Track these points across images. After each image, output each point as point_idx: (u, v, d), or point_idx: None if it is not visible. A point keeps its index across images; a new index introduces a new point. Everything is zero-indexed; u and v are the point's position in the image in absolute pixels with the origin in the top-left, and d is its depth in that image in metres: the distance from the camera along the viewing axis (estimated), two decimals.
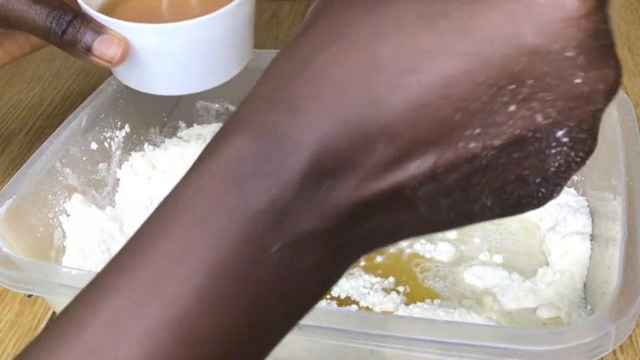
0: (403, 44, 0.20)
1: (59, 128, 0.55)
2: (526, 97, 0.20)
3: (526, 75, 0.20)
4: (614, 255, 0.41)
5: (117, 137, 0.60)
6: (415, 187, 0.21)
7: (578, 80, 0.20)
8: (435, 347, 0.36)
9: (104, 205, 0.58)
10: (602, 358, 0.36)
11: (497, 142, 0.21)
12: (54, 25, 0.45)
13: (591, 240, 0.51)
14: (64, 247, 0.53)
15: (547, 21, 0.20)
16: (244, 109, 0.22)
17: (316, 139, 0.20)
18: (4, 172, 0.67)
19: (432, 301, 0.49)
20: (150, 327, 0.19)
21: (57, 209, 0.53)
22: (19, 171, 0.50)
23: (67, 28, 0.45)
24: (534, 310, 0.48)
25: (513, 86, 0.20)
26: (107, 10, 0.49)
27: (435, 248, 0.53)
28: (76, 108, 0.57)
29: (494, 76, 0.20)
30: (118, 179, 0.60)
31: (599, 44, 0.20)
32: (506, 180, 0.22)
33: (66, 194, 0.54)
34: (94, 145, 0.57)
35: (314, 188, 0.20)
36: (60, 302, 0.48)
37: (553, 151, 0.21)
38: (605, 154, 0.51)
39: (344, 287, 0.51)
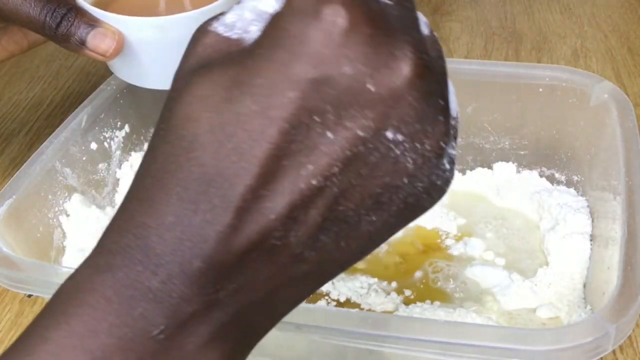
0: (217, 126, 0.21)
1: (58, 128, 0.55)
2: (336, 120, 0.21)
3: (321, 102, 0.21)
4: (614, 255, 0.41)
5: (117, 137, 0.60)
6: (280, 235, 0.22)
7: (369, 85, 0.21)
8: (435, 347, 0.36)
9: (104, 205, 0.58)
10: (601, 358, 0.36)
11: (335, 169, 0.21)
12: (48, 18, 0.45)
13: (591, 240, 0.51)
14: (63, 247, 0.53)
15: (316, 50, 0.21)
16: (119, 208, 0.23)
17: (173, 223, 0.21)
18: (4, 172, 0.67)
19: (432, 302, 0.49)
20: None
21: (57, 209, 0.53)
22: (18, 171, 0.50)
23: (61, 21, 0.45)
24: (534, 310, 0.48)
25: (316, 117, 0.21)
26: (102, 4, 0.49)
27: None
28: (76, 108, 0.57)
29: (294, 118, 0.21)
30: (118, 179, 0.60)
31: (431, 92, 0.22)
32: (373, 194, 0.22)
33: (66, 194, 0.54)
34: (93, 145, 0.57)
35: (184, 267, 0.21)
36: None
37: (398, 151, 0.22)
38: (605, 154, 0.51)
39: (341, 289, 0.51)
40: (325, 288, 0.51)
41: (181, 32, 0.46)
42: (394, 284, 0.51)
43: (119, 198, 0.59)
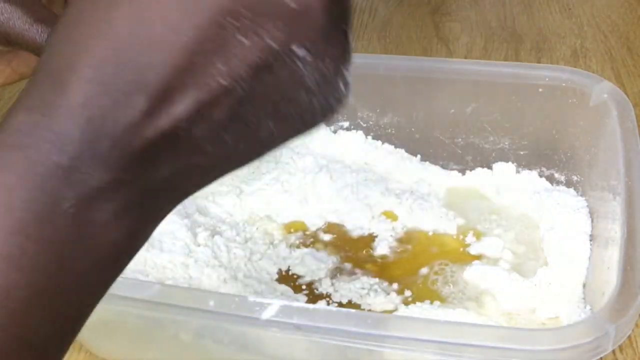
0: (135, 13, 0.22)
1: None
2: (250, 26, 0.22)
3: (240, 7, 0.22)
4: (613, 255, 0.41)
5: None
6: (186, 127, 0.23)
7: (289, 1, 0.23)
8: (434, 347, 0.36)
9: None
10: (601, 358, 0.36)
11: (243, 72, 0.23)
12: None
13: (590, 240, 0.51)
14: None
15: None
16: (25, 88, 0.24)
17: (82, 104, 0.22)
18: None
19: (431, 302, 0.49)
20: None
21: None
22: None
23: None
24: (534, 310, 0.48)
25: (232, 20, 0.22)
26: None
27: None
28: None
29: (212, 17, 0.22)
30: None
31: None
32: (274, 102, 0.24)
33: None
34: None
35: (92, 147, 0.22)
36: None
37: (301, 66, 0.24)
38: (605, 154, 0.51)
39: (342, 291, 0.51)
40: (326, 290, 0.51)
41: None
42: (395, 286, 0.51)
43: None
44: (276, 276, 0.53)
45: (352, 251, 0.54)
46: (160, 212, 0.25)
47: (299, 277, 0.53)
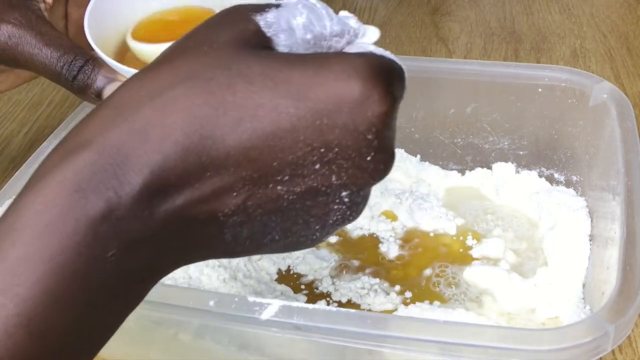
0: (248, 97, 0.24)
1: (58, 128, 0.55)
2: (330, 160, 0.25)
3: (335, 144, 0.25)
4: (613, 255, 0.41)
5: None
6: (228, 214, 0.25)
7: (369, 158, 0.26)
8: (434, 347, 0.36)
9: None
10: (600, 358, 0.36)
11: (298, 190, 0.26)
12: (64, 70, 0.44)
13: (590, 240, 0.51)
14: None
15: (359, 108, 0.25)
16: (88, 129, 0.25)
17: (158, 161, 0.24)
18: (4, 173, 0.67)
19: (431, 302, 0.49)
20: (7, 326, 0.22)
21: None
22: (18, 171, 0.50)
23: (77, 74, 0.44)
24: (533, 310, 0.48)
25: (323, 150, 0.25)
26: (121, 53, 0.49)
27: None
28: (76, 108, 0.57)
29: (311, 138, 0.25)
30: None
31: (388, 135, 0.26)
32: (296, 222, 0.27)
33: None
34: None
35: (148, 202, 0.24)
36: None
37: (335, 207, 0.27)
38: (604, 154, 0.51)
39: (342, 290, 0.51)
40: (326, 289, 0.51)
41: None
42: (397, 287, 0.51)
43: None
44: (276, 276, 0.53)
45: (353, 251, 0.54)
46: (169, 271, 0.27)
47: (299, 276, 0.53)
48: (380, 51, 0.28)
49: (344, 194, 0.26)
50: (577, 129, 0.55)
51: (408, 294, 0.50)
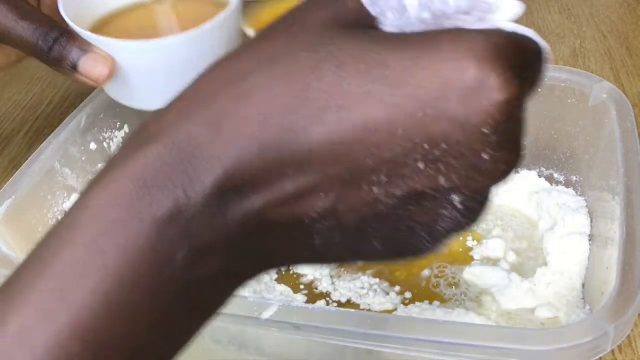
0: (336, 83, 0.21)
1: (58, 128, 0.55)
2: (436, 159, 0.21)
3: (442, 140, 0.21)
4: (613, 255, 0.41)
5: (116, 137, 0.60)
6: (316, 219, 0.22)
7: (486, 157, 0.21)
8: (434, 347, 0.36)
9: None
10: (600, 358, 0.36)
11: (399, 193, 0.22)
12: (40, 42, 0.44)
13: (590, 240, 0.51)
14: None
15: (472, 95, 0.20)
16: (161, 121, 0.22)
17: (231, 157, 0.21)
18: (4, 173, 0.67)
19: (430, 302, 0.49)
20: (59, 337, 0.20)
21: (56, 210, 0.53)
22: (18, 171, 0.50)
23: (53, 45, 0.44)
24: (533, 310, 0.48)
25: (427, 146, 0.21)
26: (97, 28, 0.49)
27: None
28: (75, 108, 0.57)
29: (412, 132, 0.21)
30: None
31: (512, 128, 0.22)
32: (398, 229, 0.23)
33: (65, 195, 0.54)
34: (93, 146, 0.57)
35: (220, 202, 0.21)
36: None
37: (446, 212, 0.22)
38: (604, 154, 0.51)
39: (342, 290, 0.51)
40: (325, 289, 0.51)
41: (170, 55, 0.46)
42: (397, 287, 0.51)
43: None
44: (275, 276, 0.53)
45: None
46: (249, 278, 0.25)
47: (299, 276, 0.53)
48: (512, 27, 0.22)
49: (455, 198, 0.22)
50: (577, 129, 0.55)
51: (408, 294, 0.50)
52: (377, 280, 0.51)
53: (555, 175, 0.58)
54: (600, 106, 0.52)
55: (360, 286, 0.51)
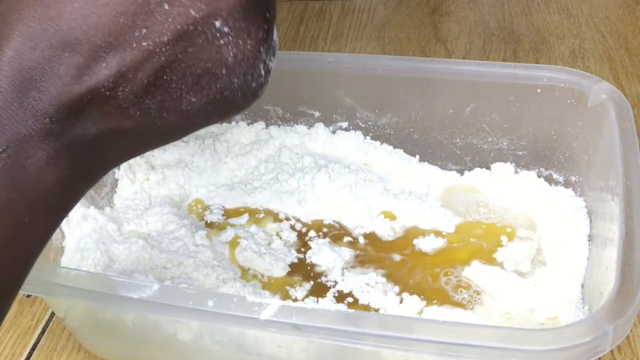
0: None
1: None
2: None
3: None
4: (612, 255, 0.41)
5: None
6: (110, 87, 0.25)
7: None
8: (433, 347, 0.36)
9: (103, 206, 0.58)
10: (599, 358, 0.36)
11: (165, 38, 0.24)
12: None
13: (589, 240, 0.51)
14: (62, 248, 0.53)
15: None
16: None
17: (12, 57, 0.24)
18: None
19: (430, 302, 0.49)
20: None
21: None
22: None
23: None
24: (532, 310, 0.48)
25: None
26: None
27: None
28: None
29: None
30: (116, 180, 0.60)
31: None
32: (195, 74, 0.26)
33: None
34: None
35: (22, 97, 0.24)
36: (58, 303, 0.48)
37: (222, 42, 0.25)
38: (603, 154, 0.51)
39: (348, 282, 0.51)
40: (334, 279, 0.51)
41: None
42: (396, 288, 0.51)
43: (118, 199, 0.59)
44: (288, 269, 0.53)
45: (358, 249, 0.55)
46: (92, 171, 0.27)
47: (313, 265, 0.53)
48: None
49: (217, 24, 0.25)
50: (576, 129, 0.55)
51: (407, 295, 0.50)
52: (384, 279, 0.51)
53: (555, 176, 0.58)
54: (599, 106, 0.52)
55: (365, 281, 0.51)
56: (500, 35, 0.83)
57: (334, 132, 0.63)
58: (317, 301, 0.50)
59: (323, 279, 0.52)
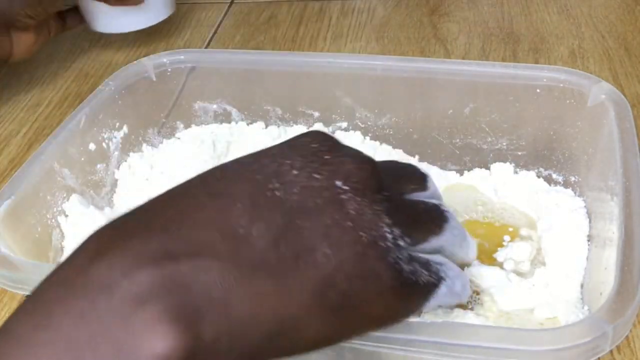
0: None
1: (57, 129, 0.55)
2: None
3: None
4: (611, 256, 0.41)
5: (115, 137, 0.60)
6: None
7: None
8: (432, 347, 0.36)
9: (103, 206, 0.58)
10: (599, 358, 0.36)
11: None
12: None
13: (588, 240, 0.51)
14: (62, 248, 0.53)
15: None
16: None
17: None
18: (3, 173, 0.67)
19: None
20: None
21: (55, 210, 0.53)
22: (17, 172, 0.50)
23: None
24: (531, 310, 0.48)
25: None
26: None
27: None
28: (74, 109, 0.57)
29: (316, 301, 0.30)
30: (116, 180, 0.60)
31: None
32: None
33: (64, 195, 0.54)
34: (92, 146, 0.57)
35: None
36: None
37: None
38: (603, 154, 0.51)
39: None
40: None
41: None
42: None
43: (118, 199, 0.59)
44: None
45: None
46: None
47: None
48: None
49: None
50: (576, 130, 0.55)
51: None
52: None
53: (554, 176, 0.58)
54: (599, 107, 0.52)
55: None
56: (500, 35, 0.83)
57: (333, 132, 0.63)
58: None
59: None
